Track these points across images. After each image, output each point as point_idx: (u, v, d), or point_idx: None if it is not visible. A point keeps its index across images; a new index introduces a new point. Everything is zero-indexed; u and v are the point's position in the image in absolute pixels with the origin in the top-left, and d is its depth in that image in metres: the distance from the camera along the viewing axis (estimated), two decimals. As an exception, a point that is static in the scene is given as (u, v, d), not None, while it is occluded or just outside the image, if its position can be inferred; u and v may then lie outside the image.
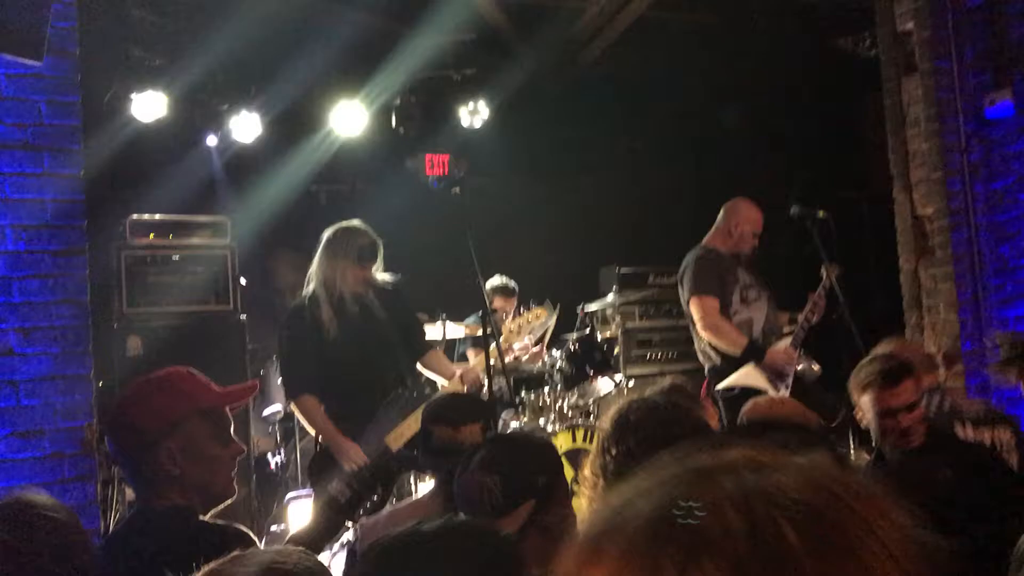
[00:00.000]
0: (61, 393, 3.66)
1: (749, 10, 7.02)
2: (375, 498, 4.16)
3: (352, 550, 2.89)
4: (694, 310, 4.98)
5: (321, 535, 4.15)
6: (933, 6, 5.62)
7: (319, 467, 4.32)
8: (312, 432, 4.52)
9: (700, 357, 5.23)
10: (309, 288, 4.38)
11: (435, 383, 4.85)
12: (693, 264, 5.11)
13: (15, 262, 3.65)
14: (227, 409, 2.21)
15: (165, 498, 2.07)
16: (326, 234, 4.39)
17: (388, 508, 3.12)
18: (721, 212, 5.30)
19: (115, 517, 4.26)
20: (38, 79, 3.74)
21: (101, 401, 4.05)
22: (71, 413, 3.68)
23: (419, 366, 4.63)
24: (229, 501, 2.19)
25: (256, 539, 2.15)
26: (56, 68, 3.77)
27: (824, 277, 5.14)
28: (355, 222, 4.43)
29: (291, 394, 4.37)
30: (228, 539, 2.04)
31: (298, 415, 4.49)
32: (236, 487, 2.20)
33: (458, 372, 4.46)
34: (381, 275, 4.44)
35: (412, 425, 4.18)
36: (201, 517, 2.11)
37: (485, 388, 4.64)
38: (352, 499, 4.14)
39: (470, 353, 6.06)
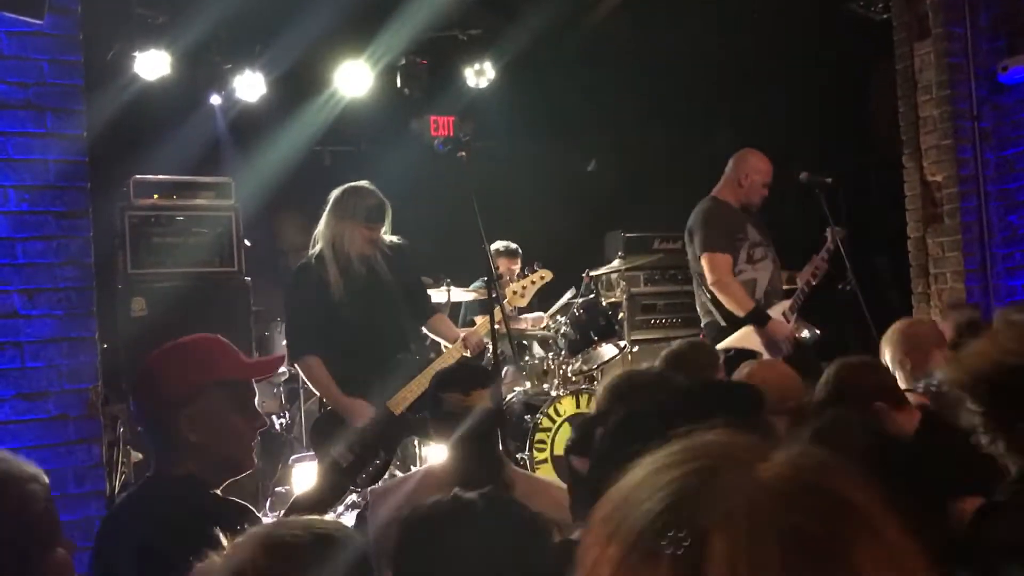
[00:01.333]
0: (66, 355, 3.65)
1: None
2: (377, 462, 4.18)
3: (362, 515, 2.89)
4: (705, 265, 4.95)
5: (324, 499, 4.17)
6: (947, -31, 5.53)
7: (322, 430, 4.32)
8: (317, 393, 4.51)
9: (699, 311, 5.20)
10: (316, 248, 4.33)
11: (439, 346, 4.84)
12: (703, 217, 5.06)
13: (18, 223, 3.63)
14: (252, 381, 2.19)
15: (181, 465, 2.06)
16: (333, 195, 4.34)
17: (399, 475, 3.12)
18: (730, 163, 5.24)
19: (120, 479, 4.29)
20: (40, 38, 3.69)
21: (106, 363, 4.05)
22: (76, 375, 3.67)
23: (424, 330, 4.61)
24: (248, 472, 2.18)
25: (259, 516, 2.15)
26: (58, 26, 3.72)
27: (828, 240, 5.11)
28: (363, 183, 4.39)
29: (295, 355, 4.34)
30: (232, 514, 2.03)
31: (302, 376, 4.46)
32: (254, 460, 2.19)
33: (461, 335, 4.42)
34: (388, 237, 4.39)
35: (415, 389, 4.17)
36: (212, 491, 2.10)
37: (489, 352, 4.63)
38: (354, 463, 4.15)
39: (477, 319, 6.04)
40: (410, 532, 1.75)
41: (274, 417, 6.53)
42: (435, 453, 3.59)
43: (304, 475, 5.76)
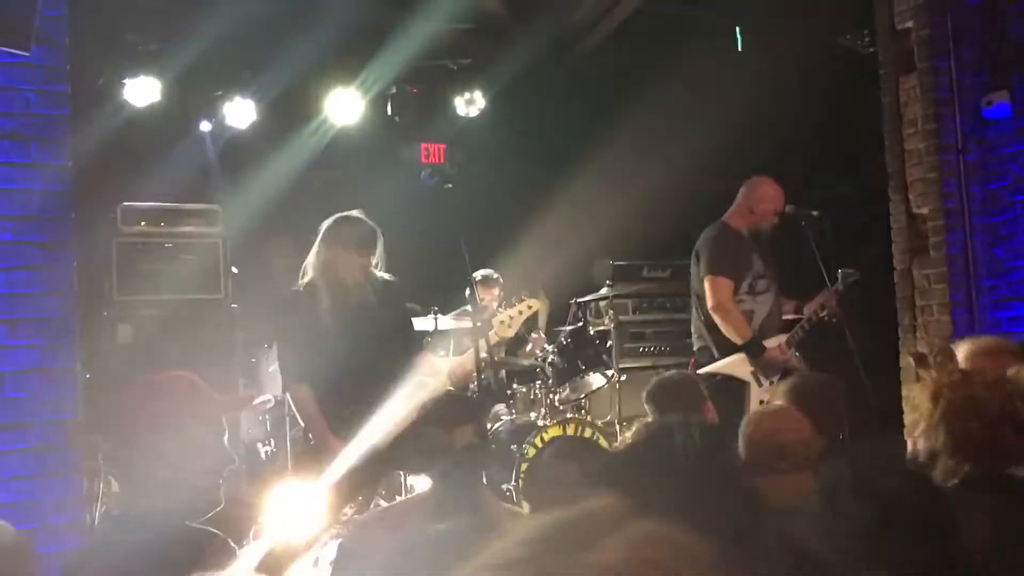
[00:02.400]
0: (47, 386, 3.64)
1: (747, 4, 6.98)
2: (360, 499, 4.09)
3: (343, 546, 2.88)
4: (708, 288, 4.96)
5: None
6: (932, 4, 5.57)
7: (307, 465, 4.29)
8: (302, 423, 4.45)
9: (693, 334, 5.21)
10: (306, 278, 4.30)
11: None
12: (712, 241, 5.09)
13: (1, 253, 3.62)
14: (222, 418, 2.23)
15: (154, 501, 2.10)
16: (325, 224, 4.31)
17: (380, 508, 3.11)
18: (741, 189, 5.29)
19: (101, 510, 4.26)
20: (26, 68, 3.70)
21: (89, 391, 4.03)
22: (57, 406, 3.66)
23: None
24: (217, 509, 2.20)
25: (235, 546, 2.16)
26: (45, 58, 3.73)
27: (839, 279, 5.10)
28: (354, 212, 4.37)
29: (287, 381, 4.29)
30: (208, 545, 2.06)
31: (291, 402, 4.40)
32: (222, 497, 2.21)
33: (445, 371, 4.41)
34: (380, 273, 4.37)
35: (399, 424, 4.07)
36: (186, 522, 2.13)
37: (474, 384, 4.61)
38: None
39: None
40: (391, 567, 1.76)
41: (259, 444, 6.50)
42: (420, 483, 3.58)
43: (289, 503, 5.73)
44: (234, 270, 6.05)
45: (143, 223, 5.83)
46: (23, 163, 3.69)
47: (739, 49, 7.44)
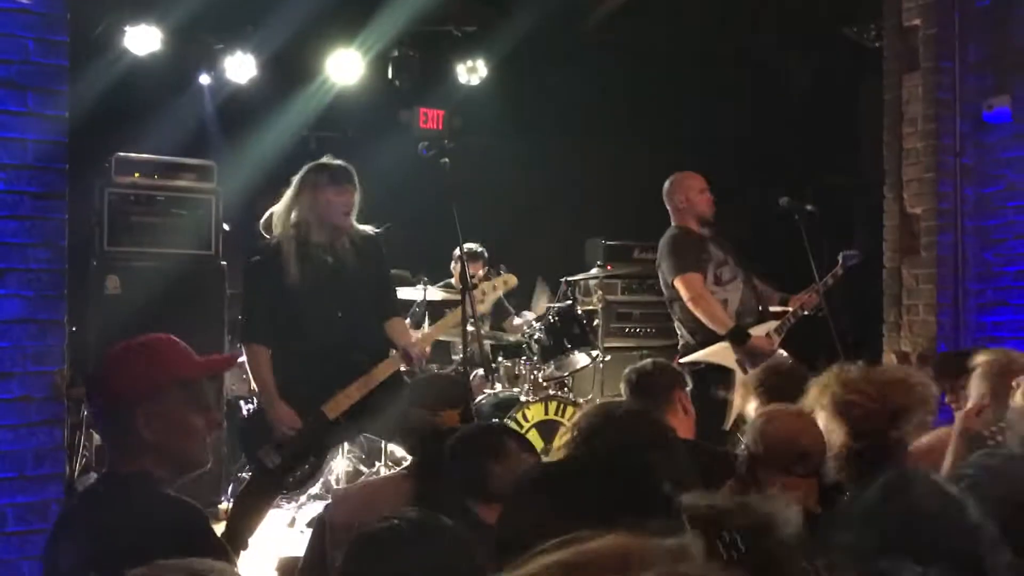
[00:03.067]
0: (33, 337, 3.63)
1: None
2: (306, 467, 4.06)
3: (321, 518, 2.90)
4: (681, 288, 4.97)
5: (254, 503, 4.08)
6: (941, 3, 5.55)
7: (250, 428, 4.23)
8: (253, 384, 4.29)
9: (679, 338, 5.24)
10: (275, 231, 4.13)
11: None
12: (670, 244, 5.10)
13: (-7, 202, 3.60)
14: (205, 380, 2.23)
15: (135, 463, 2.10)
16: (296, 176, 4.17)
17: (361, 480, 3.11)
18: (664, 198, 5.25)
19: (81, 462, 4.27)
20: (26, 15, 3.65)
21: (75, 344, 4.03)
22: (42, 357, 3.65)
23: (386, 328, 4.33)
24: (202, 470, 2.21)
25: (207, 517, 2.17)
26: (45, 5, 3.68)
27: (839, 264, 5.09)
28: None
29: (244, 338, 4.16)
30: (182, 515, 2.07)
31: (245, 361, 4.22)
32: (209, 457, 2.23)
33: (402, 346, 4.16)
34: (361, 227, 4.19)
35: (353, 395, 4.01)
36: (164, 489, 2.13)
37: (458, 356, 4.56)
38: (282, 466, 4.03)
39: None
40: (355, 550, 1.78)
41: (242, 402, 6.51)
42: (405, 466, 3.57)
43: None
44: (226, 227, 6.03)
45: (137, 175, 5.81)
46: (19, 112, 3.65)
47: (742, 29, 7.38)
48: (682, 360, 4.96)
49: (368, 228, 4.24)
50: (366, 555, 1.75)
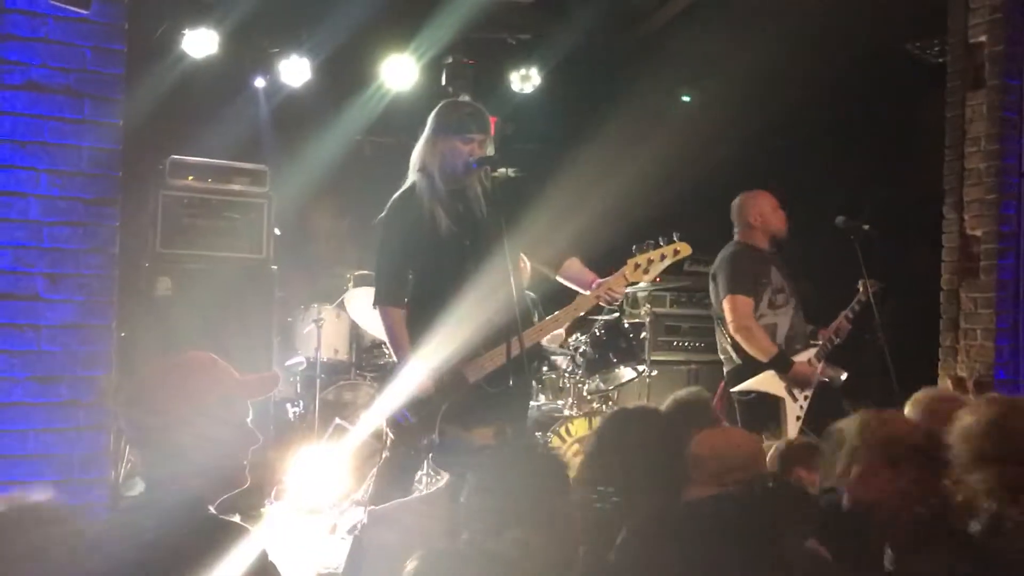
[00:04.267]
0: (82, 342, 3.68)
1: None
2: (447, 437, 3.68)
3: (358, 539, 2.89)
4: (727, 309, 4.91)
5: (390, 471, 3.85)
6: (1009, 20, 5.40)
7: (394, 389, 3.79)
8: (388, 345, 3.96)
9: (721, 355, 5.18)
10: (408, 180, 3.88)
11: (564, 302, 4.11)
12: (729, 261, 5.03)
13: (48, 207, 3.65)
14: (247, 400, 2.21)
15: (176, 482, 2.09)
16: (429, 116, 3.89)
17: (396, 502, 3.08)
18: (733, 212, 5.19)
19: (126, 467, 4.33)
20: (85, 24, 3.70)
21: (123, 348, 4.08)
22: (91, 362, 3.70)
23: (557, 276, 4.05)
24: (242, 488, 2.20)
25: (251, 532, 2.15)
26: (104, 15, 3.73)
27: (859, 292, 5.06)
28: (462, 96, 4.00)
29: (379, 300, 3.87)
30: (229, 535, 2.05)
31: (381, 323, 3.91)
32: (248, 477, 2.21)
33: (595, 282, 3.86)
34: (501, 169, 3.97)
35: (496, 358, 3.66)
36: (208, 508, 2.12)
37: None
38: (416, 427, 3.70)
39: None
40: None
41: (288, 404, 6.57)
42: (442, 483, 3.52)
43: (315, 465, 5.79)
44: (277, 231, 6.08)
45: (190, 177, 5.88)
46: (75, 119, 3.70)
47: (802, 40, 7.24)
48: (732, 389, 4.90)
49: (510, 171, 4.07)
50: None
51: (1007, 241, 5.41)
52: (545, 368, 6.24)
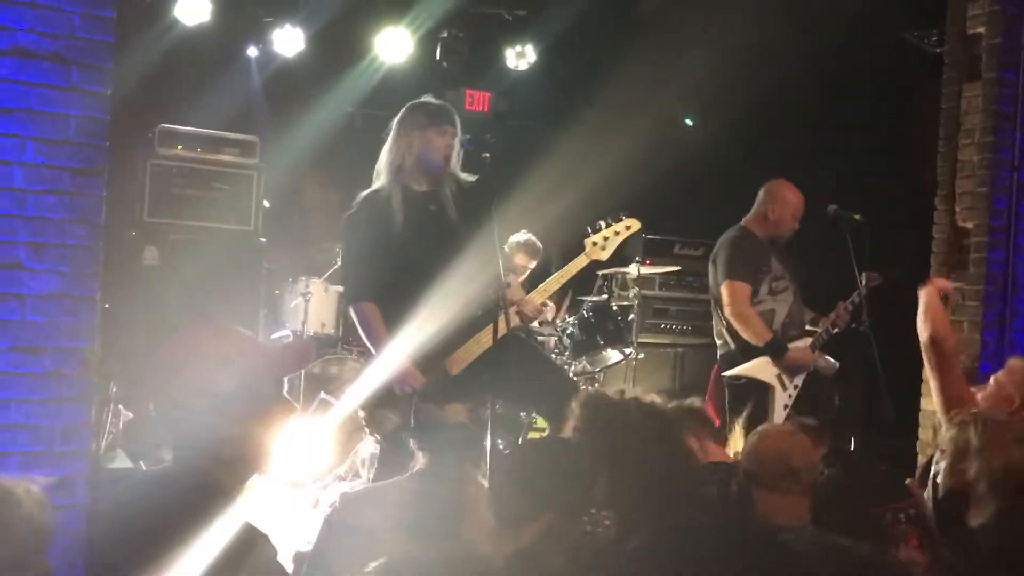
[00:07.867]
0: (66, 313, 3.63)
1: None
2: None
3: (328, 520, 2.88)
4: (725, 293, 4.91)
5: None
6: (1008, 13, 5.36)
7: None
8: (367, 343, 3.93)
9: (716, 339, 5.18)
10: (378, 181, 3.90)
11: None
12: (728, 246, 5.03)
13: (33, 176, 3.59)
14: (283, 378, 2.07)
15: (200, 461, 1.97)
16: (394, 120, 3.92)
17: (369, 486, 3.09)
18: (760, 194, 5.19)
19: (107, 439, 4.31)
20: (73, -11, 3.64)
21: (107, 319, 4.04)
22: (74, 333, 3.65)
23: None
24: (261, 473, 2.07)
25: (267, 536, 2.07)
26: (92, -20, 3.67)
27: (861, 284, 5.03)
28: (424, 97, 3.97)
29: (350, 298, 3.92)
30: (243, 534, 1.96)
31: (355, 321, 3.92)
32: (270, 462, 2.07)
33: (515, 306, 3.85)
34: (464, 175, 3.93)
35: (474, 349, 3.76)
36: (228, 497, 2.00)
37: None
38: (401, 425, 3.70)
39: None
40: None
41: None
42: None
43: (299, 439, 5.78)
44: (266, 204, 6.04)
45: (180, 147, 5.84)
46: (62, 87, 3.63)
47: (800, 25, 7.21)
48: (724, 373, 4.91)
49: (470, 177, 3.96)
50: None
51: (998, 235, 5.40)
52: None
